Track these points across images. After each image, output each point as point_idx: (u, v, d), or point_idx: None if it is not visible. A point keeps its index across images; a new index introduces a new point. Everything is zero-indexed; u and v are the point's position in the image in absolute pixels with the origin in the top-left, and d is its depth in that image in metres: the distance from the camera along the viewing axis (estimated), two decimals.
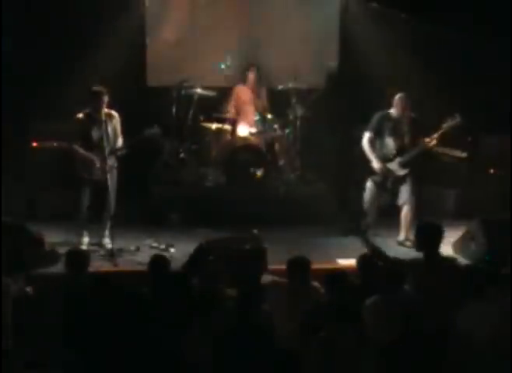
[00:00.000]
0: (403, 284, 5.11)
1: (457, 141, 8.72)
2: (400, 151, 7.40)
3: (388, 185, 7.49)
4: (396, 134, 7.39)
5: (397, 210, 7.59)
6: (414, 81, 8.53)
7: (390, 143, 7.43)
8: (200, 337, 4.50)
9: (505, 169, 8.44)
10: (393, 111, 7.42)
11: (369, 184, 7.55)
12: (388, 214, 7.74)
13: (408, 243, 7.46)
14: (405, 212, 7.49)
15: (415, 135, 7.36)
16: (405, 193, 7.46)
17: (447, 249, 7.36)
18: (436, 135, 7.30)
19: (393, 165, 7.42)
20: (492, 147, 8.72)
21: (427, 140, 7.30)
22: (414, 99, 7.49)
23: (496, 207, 8.05)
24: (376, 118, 7.45)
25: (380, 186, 7.50)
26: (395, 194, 7.51)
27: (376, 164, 7.42)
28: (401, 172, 7.42)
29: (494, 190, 8.44)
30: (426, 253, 5.53)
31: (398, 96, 7.38)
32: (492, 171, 8.67)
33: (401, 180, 7.46)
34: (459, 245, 7.24)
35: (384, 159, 7.43)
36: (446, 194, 8.70)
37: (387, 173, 7.43)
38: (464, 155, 8.67)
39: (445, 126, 7.26)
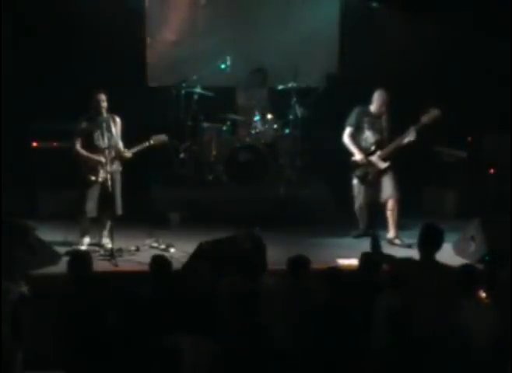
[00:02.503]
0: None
1: (457, 141, 8.74)
2: (379, 145, 7.45)
3: (370, 178, 7.51)
4: (374, 128, 7.46)
5: (380, 207, 7.59)
6: (414, 80, 8.53)
7: (369, 136, 7.50)
8: (200, 337, 4.49)
9: (505, 169, 8.43)
10: (371, 106, 7.47)
11: (354, 182, 7.59)
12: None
13: (397, 241, 7.47)
14: (391, 207, 7.49)
15: (393, 130, 7.40)
16: (387, 188, 7.49)
17: (447, 249, 7.38)
18: (413, 130, 7.28)
19: (374, 158, 7.47)
20: (491, 146, 8.71)
21: (405, 136, 7.30)
22: (413, 99, 7.50)
23: (496, 207, 8.05)
24: (355, 113, 7.53)
25: (363, 181, 7.52)
26: (377, 191, 7.52)
27: (358, 156, 7.48)
28: (382, 165, 7.45)
29: (494, 190, 8.43)
30: (424, 254, 5.51)
31: (376, 92, 7.42)
32: (492, 171, 8.66)
33: (381, 174, 7.49)
34: (459, 245, 7.24)
35: (365, 152, 7.48)
36: (446, 194, 8.69)
37: (368, 166, 7.47)
38: (464, 154, 8.67)
39: (423, 119, 7.25)
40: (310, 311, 4.76)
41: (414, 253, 6.99)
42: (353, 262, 5.97)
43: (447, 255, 7.20)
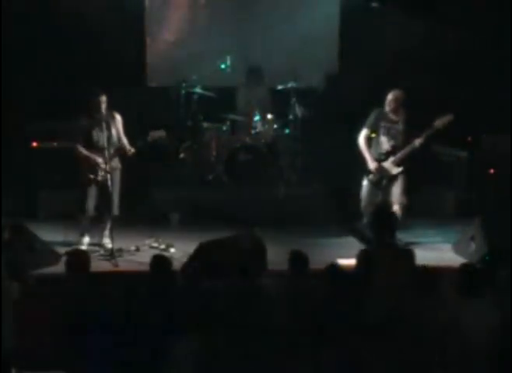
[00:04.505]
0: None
1: (457, 141, 8.74)
2: (393, 151, 7.42)
3: (383, 184, 7.50)
4: (390, 133, 7.40)
5: None
6: (414, 81, 8.53)
7: (384, 142, 7.44)
8: (199, 337, 4.50)
9: (505, 169, 8.43)
10: (388, 110, 7.40)
11: (364, 182, 7.58)
12: None
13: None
14: (395, 210, 7.47)
15: (409, 135, 7.34)
16: (396, 193, 7.47)
17: (447, 249, 7.38)
18: (426, 134, 7.25)
19: (387, 164, 7.44)
20: (491, 146, 8.71)
21: (418, 139, 7.28)
22: (414, 99, 7.50)
23: (496, 207, 8.04)
24: (373, 116, 7.45)
25: (375, 185, 7.51)
26: (388, 194, 7.52)
27: (371, 163, 7.44)
28: (395, 170, 7.44)
29: (494, 190, 8.43)
30: (379, 240, 5.54)
31: (390, 95, 7.33)
32: (492, 171, 8.66)
33: (394, 179, 7.48)
34: (459, 246, 7.24)
35: (378, 158, 7.46)
36: (446, 194, 8.69)
37: (381, 172, 7.45)
38: (464, 154, 8.67)
39: (436, 124, 7.22)
40: (310, 311, 4.76)
41: None
42: (353, 262, 5.97)
43: (447, 255, 7.23)
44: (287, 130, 8.81)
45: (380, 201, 7.45)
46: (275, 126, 8.77)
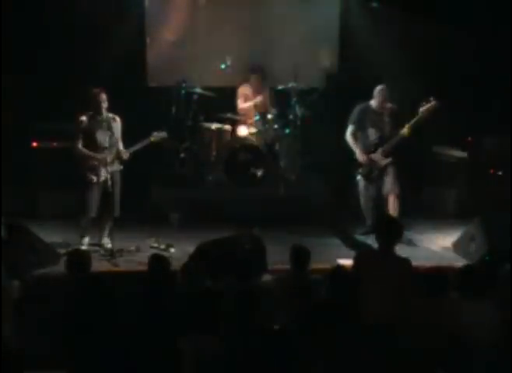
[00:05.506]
0: None
1: (457, 141, 8.75)
2: (381, 142, 7.48)
3: (374, 175, 7.54)
4: (377, 125, 7.50)
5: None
6: (413, 80, 8.53)
7: (371, 134, 7.54)
8: (199, 337, 4.49)
9: (505, 169, 8.43)
10: (373, 103, 7.51)
11: (358, 178, 7.65)
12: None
13: None
14: (391, 202, 7.51)
15: (396, 126, 7.42)
16: (388, 183, 7.51)
17: (447, 249, 7.39)
18: (411, 122, 7.31)
19: (375, 156, 7.50)
20: (492, 147, 8.71)
21: (404, 128, 7.33)
22: (414, 99, 7.51)
23: (496, 207, 8.04)
24: (356, 111, 7.59)
25: (367, 178, 7.55)
26: (380, 186, 7.55)
27: (360, 156, 7.54)
28: (384, 161, 7.49)
29: (494, 190, 8.43)
30: (382, 247, 5.56)
31: (377, 89, 7.49)
32: (492, 171, 8.66)
33: (384, 170, 7.52)
34: (459, 245, 7.25)
35: (367, 150, 7.53)
36: (446, 194, 8.69)
37: (371, 164, 7.50)
38: (464, 154, 8.66)
39: (421, 111, 7.27)
40: (310, 310, 4.76)
41: (412, 250, 7.08)
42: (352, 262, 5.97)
43: (448, 255, 7.23)
44: (287, 130, 8.80)
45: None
46: (275, 126, 8.77)
